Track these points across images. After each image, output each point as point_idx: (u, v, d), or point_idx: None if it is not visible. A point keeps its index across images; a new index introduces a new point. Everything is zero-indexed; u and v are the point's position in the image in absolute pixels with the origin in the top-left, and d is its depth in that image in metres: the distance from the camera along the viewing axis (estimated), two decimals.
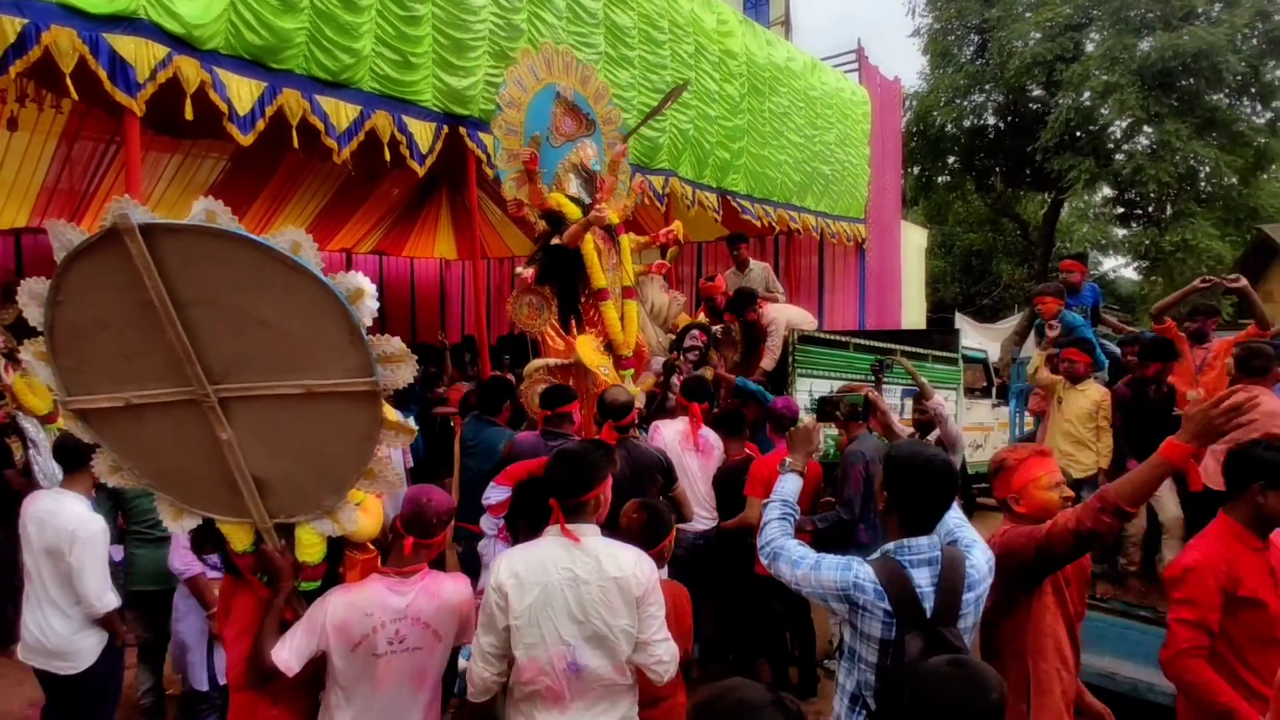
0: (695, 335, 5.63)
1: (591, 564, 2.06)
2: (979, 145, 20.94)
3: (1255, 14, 16.22)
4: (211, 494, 2.04)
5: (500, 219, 11.21)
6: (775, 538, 2.09)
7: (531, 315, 4.65)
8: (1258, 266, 18.03)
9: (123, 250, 1.65)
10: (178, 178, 8.22)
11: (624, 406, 3.75)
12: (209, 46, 3.96)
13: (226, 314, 1.76)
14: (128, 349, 1.80)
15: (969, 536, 2.02)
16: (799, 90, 8.80)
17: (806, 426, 2.51)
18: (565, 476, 2.17)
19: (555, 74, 4.82)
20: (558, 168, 4.79)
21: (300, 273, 1.69)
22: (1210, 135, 16.65)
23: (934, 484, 1.90)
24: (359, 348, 1.77)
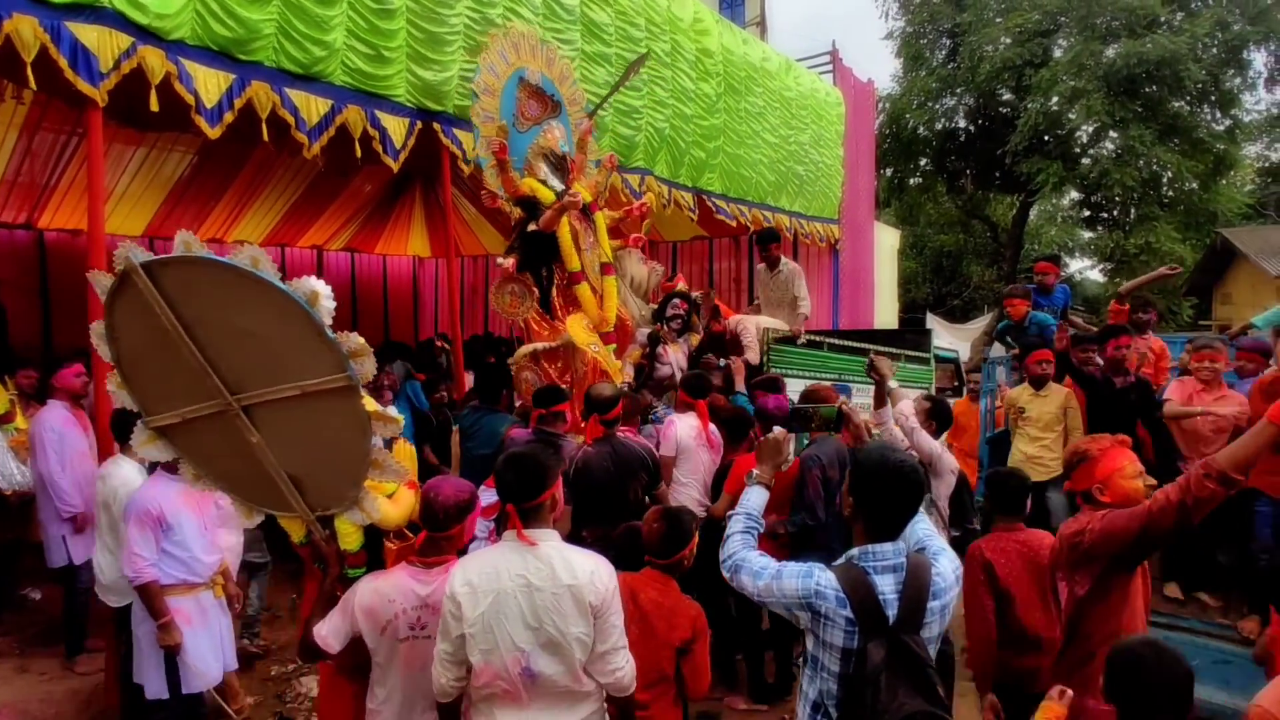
0: (677, 304, 5.79)
1: (545, 570, 2.05)
2: (950, 148, 21.24)
3: (1215, 24, 16.64)
4: (264, 493, 2.25)
5: (474, 216, 11.11)
6: (737, 550, 2.05)
7: (514, 304, 4.74)
8: (1217, 269, 18.55)
9: (136, 288, 1.90)
10: (143, 171, 8.02)
11: (609, 401, 3.76)
12: (175, 37, 3.86)
13: (222, 330, 1.95)
14: (167, 370, 2.03)
15: (937, 545, 2.00)
16: (774, 90, 8.84)
17: (775, 438, 2.42)
18: (515, 480, 2.12)
19: (523, 58, 4.84)
20: (527, 152, 4.82)
21: (262, 284, 1.83)
22: (1172, 141, 17.06)
23: (899, 489, 1.87)
24: (329, 346, 1.89)
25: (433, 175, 8.76)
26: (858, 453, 2.01)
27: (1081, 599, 2.47)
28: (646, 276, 5.88)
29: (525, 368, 4.64)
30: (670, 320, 5.75)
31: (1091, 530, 2.39)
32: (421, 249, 12.48)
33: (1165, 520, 2.22)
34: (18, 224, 8.30)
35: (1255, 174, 22.86)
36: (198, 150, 7.88)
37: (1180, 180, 17.67)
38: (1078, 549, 2.45)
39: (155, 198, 8.65)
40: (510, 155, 4.65)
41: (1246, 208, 19.53)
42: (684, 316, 5.79)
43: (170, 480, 3.33)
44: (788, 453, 2.44)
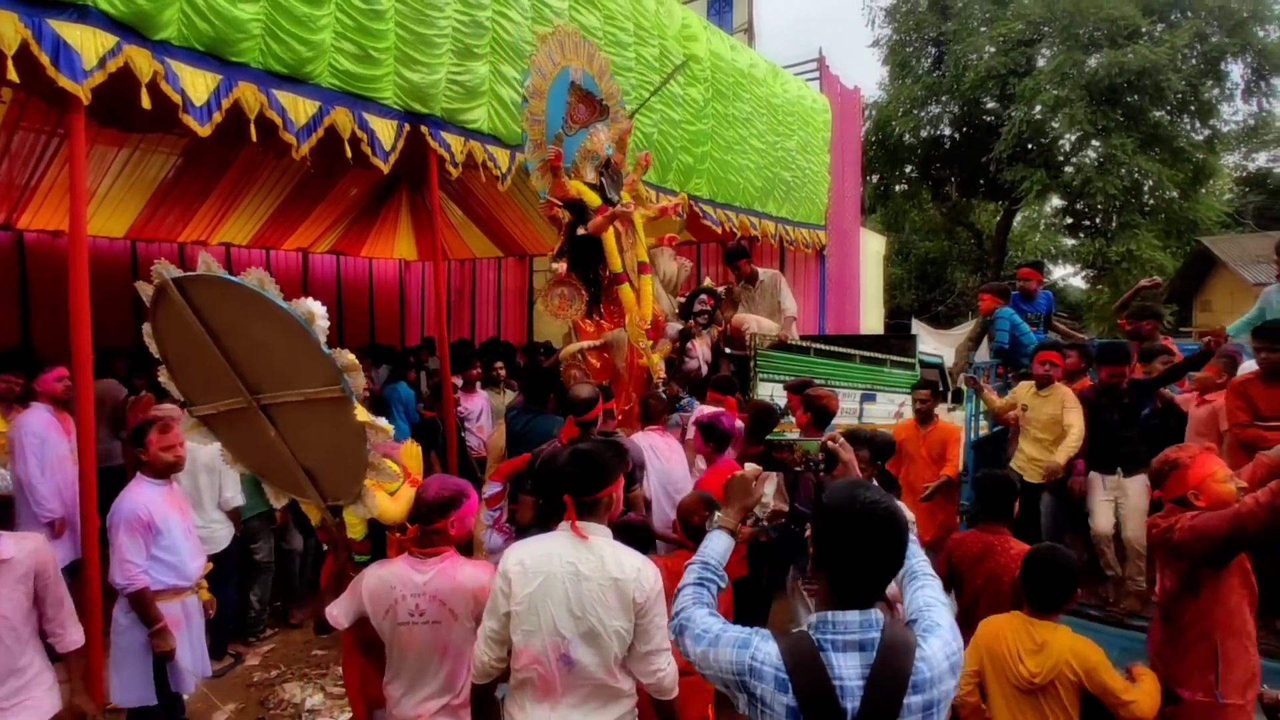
0: (703, 300, 6.14)
1: (595, 562, 2.12)
2: (935, 155, 21.43)
3: (1194, 35, 16.92)
4: (288, 480, 2.51)
5: (461, 220, 11.08)
6: (686, 606, 1.70)
7: (563, 306, 4.96)
8: (1197, 276, 18.78)
9: (170, 299, 2.16)
10: (125, 173, 7.94)
11: (586, 402, 3.82)
12: (160, 36, 3.82)
13: (242, 338, 2.18)
14: (205, 370, 2.29)
15: (933, 619, 1.54)
16: (761, 97, 8.88)
17: (745, 477, 2.03)
18: (577, 474, 2.21)
19: (568, 56, 4.99)
20: (575, 154, 5.08)
21: (268, 303, 2.05)
22: (1153, 150, 17.30)
23: (872, 539, 1.46)
24: (325, 360, 2.09)
25: (420, 178, 8.73)
26: (825, 490, 1.62)
27: (1171, 592, 2.63)
28: (676, 273, 6.15)
29: (573, 365, 4.90)
30: (698, 315, 6.07)
31: (1180, 528, 2.52)
32: (408, 252, 12.43)
33: (1254, 523, 2.37)
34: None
35: (1234, 183, 23.21)
36: (182, 152, 7.81)
37: (1161, 189, 17.92)
38: (1166, 544, 2.59)
39: (138, 200, 8.56)
40: (561, 161, 4.88)
41: (1225, 216, 19.83)
42: (710, 311, 6.14)
43: (155, 485, 3.30)
44: (760, 494, 2.05)
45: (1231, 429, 4.02)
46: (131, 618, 3.21)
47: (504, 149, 5.71)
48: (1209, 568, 2.53)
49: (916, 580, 1.68)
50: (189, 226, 9.55)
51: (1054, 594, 2.56)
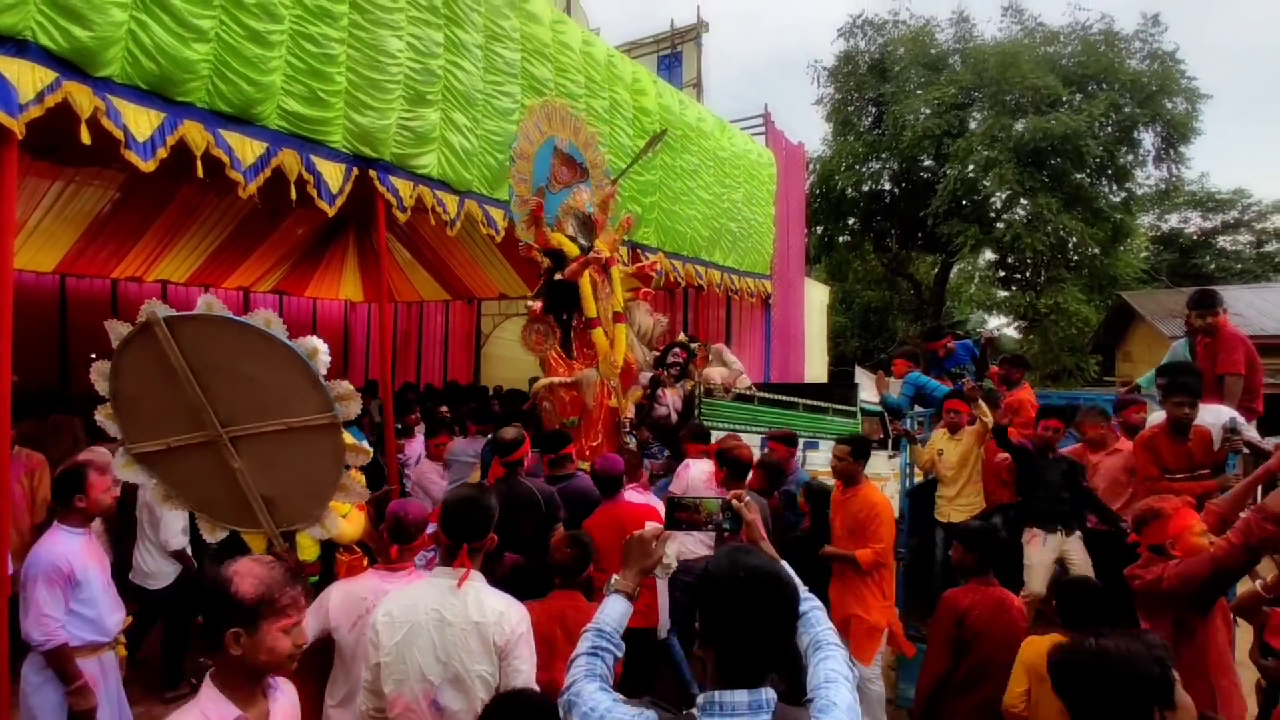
0: (676, 353, 6.62)
1: (460, 607, 2.19)
2: (876, 208, 22.31)
3: (1109, 105, 18.17)
4: (233, 512, 2.67)
5: (408, 261, 11.02)
6: (577, 679, 1.57)
7: (539, 341, 5.46)
8: (1119, 328, 19.80)
9: (154, 336, 2.34)
10: (58, 206, 7.70)
11: (512, 443, 4.06)
12: (103, 73, 3.76)
13: (226, 375, 2.38)
14: (164, 407, 2.46)
15: (830, 698, 1.43)
16: (709, 150, 9.16)
17: (643, 537, 1.88)
18: (472, 518, 2.33)
19: (554, 127, 5.63)
20: (558, 211, 5.61)
21: (272, 340, 2.33)
22: (1076, 209, 18.36)
23: (758, 609, 1.36)
24: (320, 391, 2.37)
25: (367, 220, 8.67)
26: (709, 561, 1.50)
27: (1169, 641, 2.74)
28: (652, 327, 6.50)
29: (544, 397, 5.33)
30: (670, 367, 6.48)
31: (1168, 577, 2.71)
32: (354, 293, 12.28)
33: (1232, 561, 2.56)
34: None
35: (1149, 242, 24.72)
36: (119, 186, 7.63)
37: (1084, 246, 18.97)
38: (1156, 594, 2.75)
39: (70, 234, 8.30)
40: (544, 212, 5.39)
41: (1142, 273, 21.06)
42: (682, 364, 6.55)
43: (74, 534, 3.13)
44: (660, 555, 1.90)
45: (1143, 482, 4.24)
46: (45, 675, 3.01)
47: (453, 194, 5.74)
48: (1195, 612, 2.73)
49: (820, 651, 1.58)
50: (124, 262, 9.27)
51: (1089, 616, 2.79)
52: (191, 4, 4.03)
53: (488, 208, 6.05)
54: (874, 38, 21.98)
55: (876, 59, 21.60)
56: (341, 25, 4.80)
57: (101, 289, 9.57)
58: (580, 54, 6.97)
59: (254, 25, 4.32)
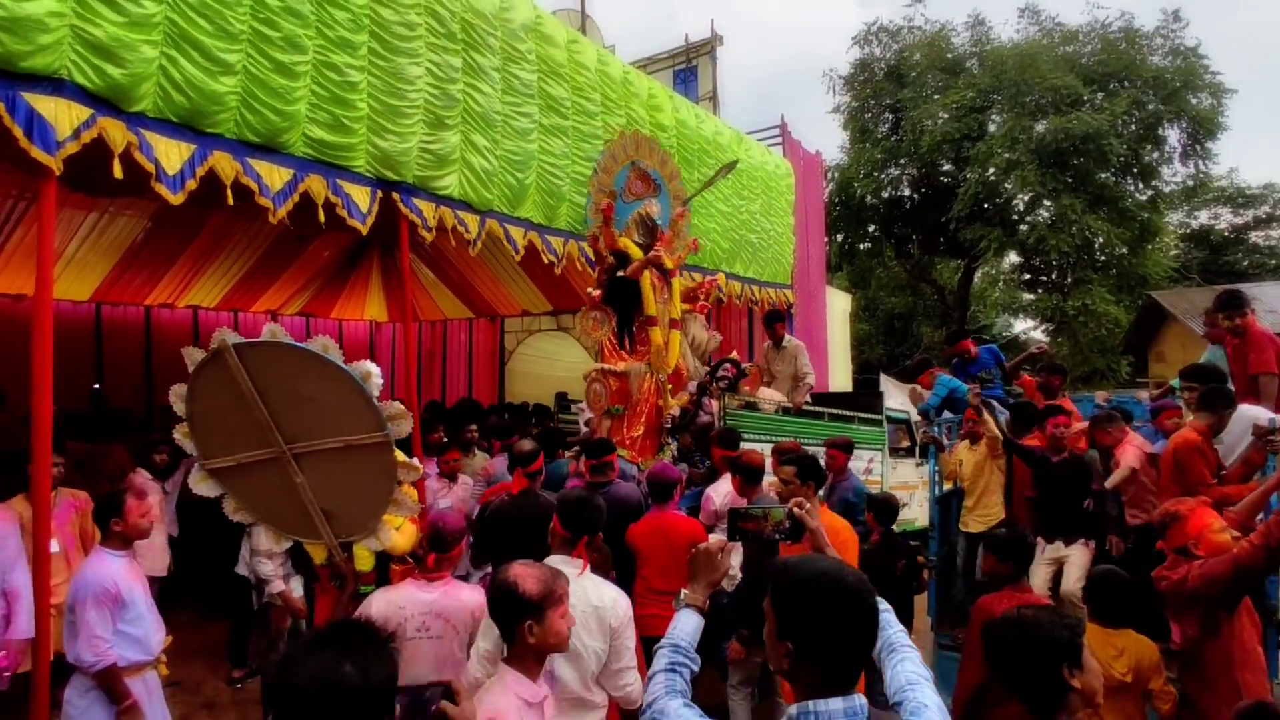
0: (727, 367, 6.86)
1: (580, 592, 2.44)
2: (897, 215, 22.17)
3: (1132, 103, 17.94)
4: (297, 524, 2.90)
5: (432, 281, 11.16)
6: (658, 696, 1.57)
7: (595, 327, 5.85)
8: (1150, 329, 19.44)
9: (224, 361, 2.57)
10: (93, 236, 7.93)
11: (530, 454, 4.25)
12: (135, 109, 3.89)
13: (289, 396, 2.58)
14: (234, 426, 2.68)
15: (919, 699, 1.44)
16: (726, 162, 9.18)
17: (709, 550, 1.90)
18: (591, 516, 2.66)
19: (641, 154, 6.21)
20: (629, 219, 6.09)
21: (328, 364, 2.52)
22: (1101, 209, 18.10)
23: (849, 614, 1.36)
24: (373, 411, 2.57)
25: (392, 241, 8.81)
26: (780, 566, 1.48)
27: (1194, 638, 2.92)
28: (706, 341, 6.80)
29: (596, 380, 5.66)
30: (719, 380, 6.70)
31: (1193, 577, 2.83)
32: (379, 313, 12.43)
33: (1253, 561, 2.69)
34: None
35: (1178, 240, 24.28)
36: (151, 216, 7.83)
37: (1110, 246, 18.68)
38: (1181, 594, 2.87)
39: (105, 263, 8.53)
40: (614, 215, 5.92)
41: (1172, 271, 20.67)
42: (732, 379, 6.76)
43: (115, 556, 3.22)
44: (726, 567, 1.93)
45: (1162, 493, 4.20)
46: (91, 697, 3.08)
47: (474, 214, 5.83)
48: (1223, 609, 2.83)
49: (896, 654, 1.58)
50: (156, 289, 9.50)
51: (1120, 607, 2.95)
52: (219, 39, 4.15)
53: (508, 226, 6.13)
54: (889, 44, 21.93)
55: (892, 65, 21.54)
56: (361, 54, 4.91)
57: (135, 316, 9.81)
58: (596, 72, 7.06)
59: (279, 57, 4.44)
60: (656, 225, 6.14)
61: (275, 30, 4.42)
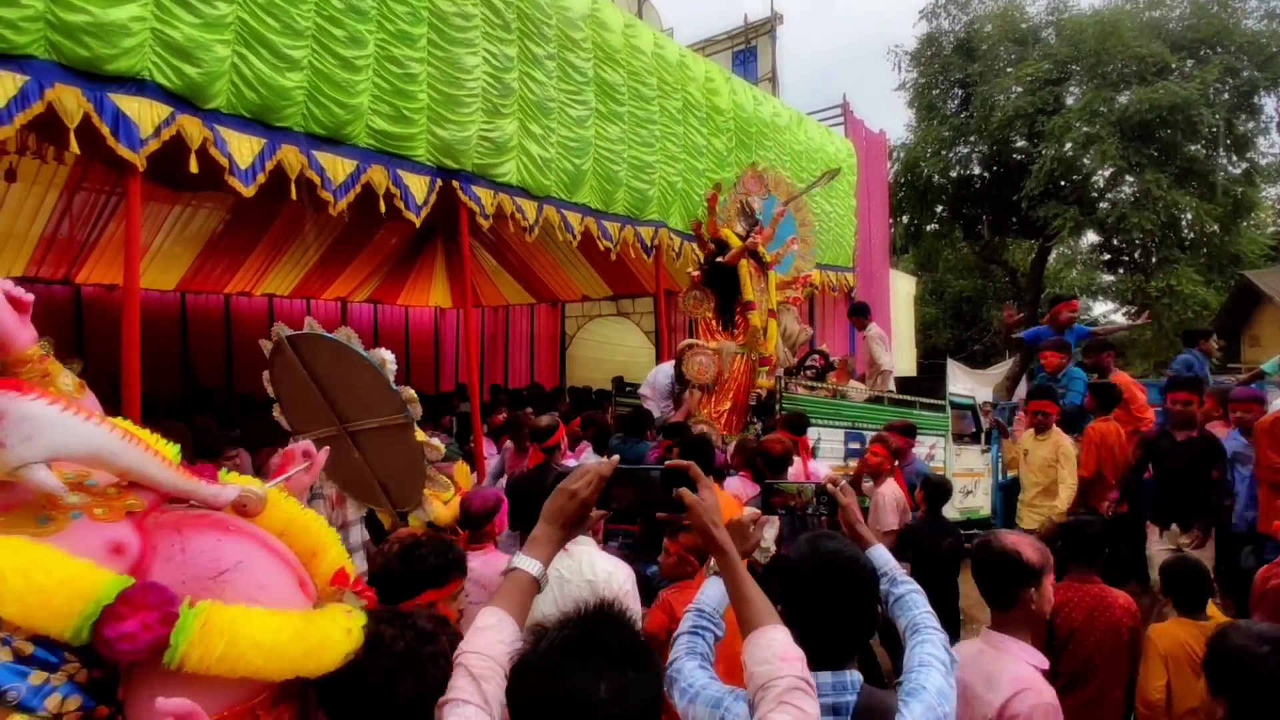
0: (816, 358, 7.27)
1: (575, 566, 2.50)
2: (966, 194, 21.37)
3: (1224, 70, 16.78)
4: (364, 494, 3.07)
5: (494, 267, 11.37)
6: (679, 656, 1.61)
7: (695, 305, 6.30)
8: (1243, 311, 18.30)
9: (284, 351, 2.77)
10: (176, 229, 8.37)
11: (547, 430, 4.38)
12: (211, 106, 4.09)
13: (336, 380, 2.75)
14: (305, 407, 2.89)
15: (919, 681, 1.45)
16: (784, 144, 9.05)
17: (741, 521, 1.88)
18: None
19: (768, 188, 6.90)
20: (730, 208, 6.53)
21: (353, 352, 2.65)
22: (1190, 184, 17.06)
23: (837, 591, 1.40)
24: (395, 395, 2.68)
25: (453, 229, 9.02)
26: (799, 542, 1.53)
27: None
28: (798, 333, 7.10)
29: (699, 353, 6.04)
30: (807, 368, 7.11)
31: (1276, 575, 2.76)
32: (443, 300, 12.75)
33: None
34: (56, 279, 8.64)
35: (1277, 216, 22.70)
36: (229, 208, 8.22)
37: (1200, 223, 17.59)
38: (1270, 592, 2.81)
39: (188, 254, 8.99)
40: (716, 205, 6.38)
41: (1269, 250, 19.36)
42: (819, 370, 7.13)
43: None
44: (758, 538, 1.93)
45: (1264, 470, 3.93)
46: None
47: (532, 200, 5.91)
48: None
49: (918, 634, 1.60)
50: (235, 278, 9.97)
51: (1197, 594, 2.90)
52: (286, 37, 4.32)
53: (565, 212, 6.20)
54: (958, 16, 21.03)
55: (962, 38, 20.67)
56: (421, 46, 5.03)
57: (216, 304, 10.33)
58: (652, 57, 7.04)
59: (342, 52, 4.59)
60: (757, 220, 6.54)
61: (339, 27, 4.57)
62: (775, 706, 1.18)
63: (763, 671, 1.24)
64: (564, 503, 1.44)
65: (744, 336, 6.12)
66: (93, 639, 1.06)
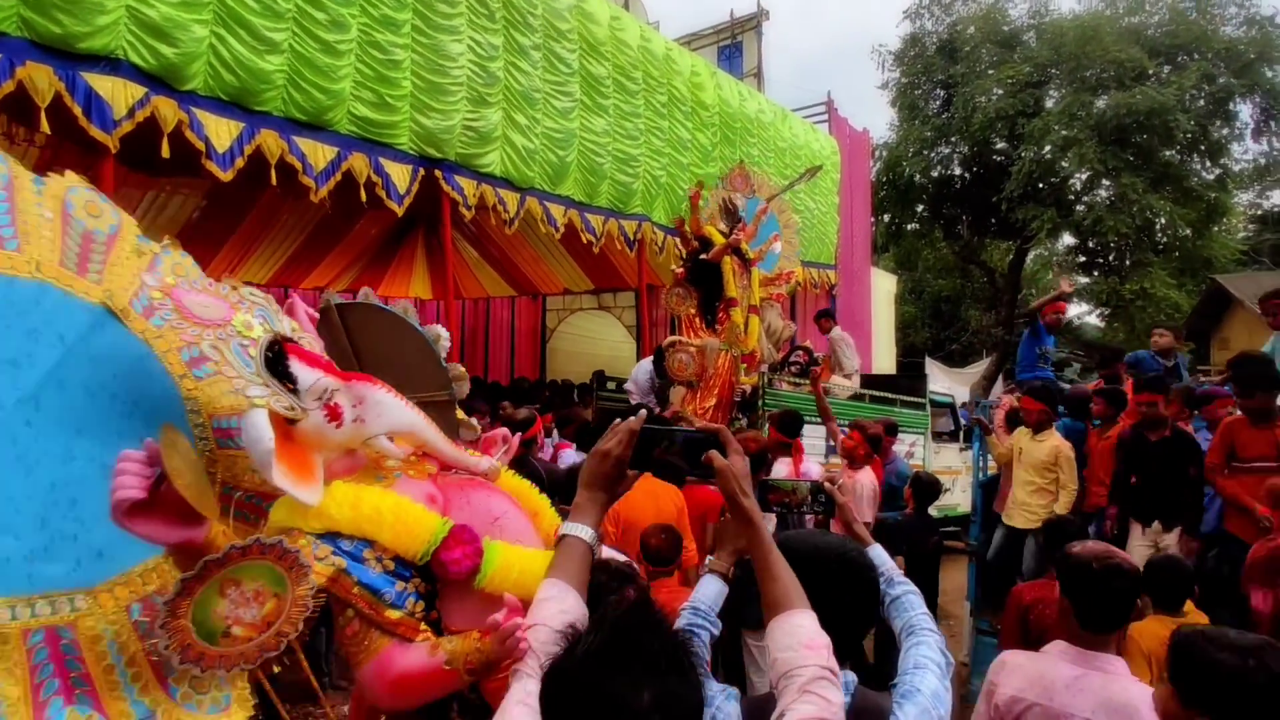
0: (800, 354, 7.30)
1: None
2: (946, 194, 21.55)
3: (1201, 76, 17.06)
4: None
5: (476, 259, 11.28)
6: None
7: (679, 302, 6.27)
8: (1214, 315, 18.65)
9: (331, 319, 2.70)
10: (150, 214, 8.18)
11: (524, 423, 4.35)
12: (187, 87, 4.01)
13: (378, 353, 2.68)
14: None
15: (914, 683, 1.43)
16: (769, 140, 9.05)
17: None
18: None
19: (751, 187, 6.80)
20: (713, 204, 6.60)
21: (409, 326, 2.62)
22: (1165, 189, 17.32)
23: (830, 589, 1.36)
24: (443, 371, 2.67)
25: (435, 219, 8.94)
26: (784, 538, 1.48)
27: None
28: (781, 329, 7.13)
29: (681, 350, 6.04)
30: (791, 365, 7.12)
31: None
32: (423, 290, 12.61)
33: None
34: None
35: (1248, 221, 23.15)
36: (205, 194, 8.06)
37: (1174, 227, 17.89)
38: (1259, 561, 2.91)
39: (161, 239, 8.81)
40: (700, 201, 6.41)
41: (1240, 254, 19.74)
42: (803, 365, 7.15)
43: None
44: None
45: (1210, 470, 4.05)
46: None
47: (514, 192, 5.86)
48: None
49: (913, 636, 1.57)
50: (211, 265, 9.79)
51: (1177, 592, 2.89)
52: (266, 18, 4.23)
53: (548, 204, 6.16)
54: (941, 18, 21.19)
55: (945, 39, 20.83)
56: (405, 32, 4.96)
57: None
58: (638, 50, 7.00)
59: (324, 36, 4.52)
60: (740, 218, 6.58)
61: (320, 10, 4.49)
62: (798, 697, 1.14)
63: (787, 659, 1.20)
64: (597, 464, 1.41)
65: (726, 333, 6.13)
66: (430, 561, 1.48)
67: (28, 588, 1.17)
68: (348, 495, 1.44)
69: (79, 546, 1.25)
